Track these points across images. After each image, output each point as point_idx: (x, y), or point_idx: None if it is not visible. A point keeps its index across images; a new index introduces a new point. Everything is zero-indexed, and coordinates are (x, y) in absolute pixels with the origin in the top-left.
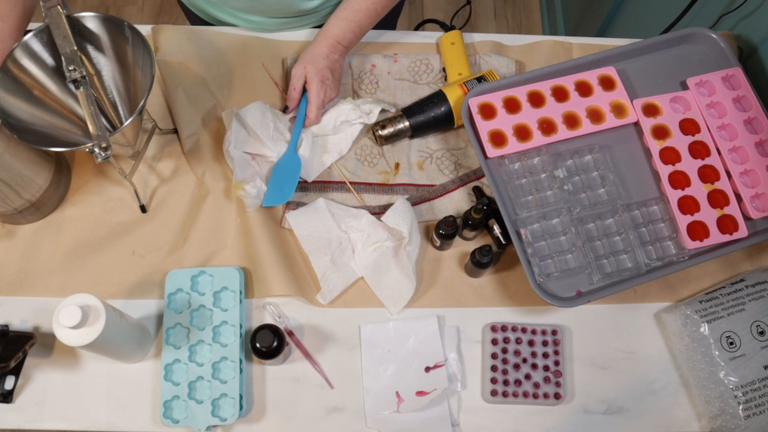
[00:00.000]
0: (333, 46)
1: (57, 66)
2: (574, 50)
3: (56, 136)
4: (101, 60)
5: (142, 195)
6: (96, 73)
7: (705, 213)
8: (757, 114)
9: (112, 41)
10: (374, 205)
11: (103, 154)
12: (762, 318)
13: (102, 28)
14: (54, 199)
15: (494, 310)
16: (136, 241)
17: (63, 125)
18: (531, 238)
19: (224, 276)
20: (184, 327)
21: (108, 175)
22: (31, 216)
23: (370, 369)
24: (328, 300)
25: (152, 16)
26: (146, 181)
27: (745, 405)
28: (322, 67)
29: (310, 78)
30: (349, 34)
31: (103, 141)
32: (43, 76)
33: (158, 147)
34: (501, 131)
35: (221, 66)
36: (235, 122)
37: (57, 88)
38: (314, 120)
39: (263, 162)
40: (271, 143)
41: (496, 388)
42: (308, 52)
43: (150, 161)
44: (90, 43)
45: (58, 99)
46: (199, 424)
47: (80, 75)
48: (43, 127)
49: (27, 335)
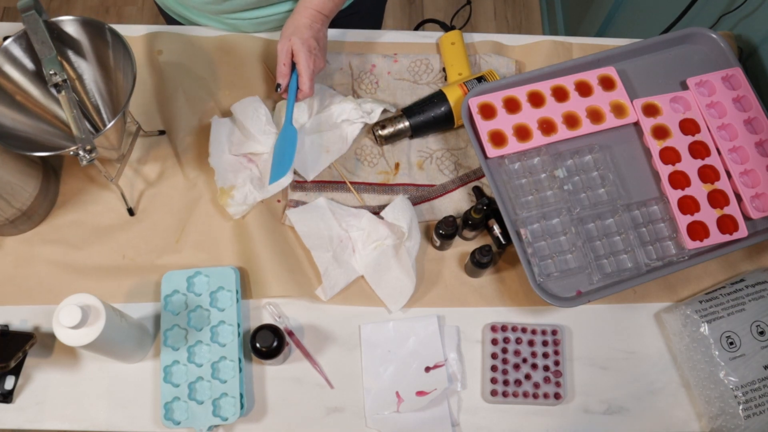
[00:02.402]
0: (314, 16)
1: (38, 71)
2: (574, 50)
3: (41, 141)
4: (82, 64)
5: (129, 198)
6: (77, 77)
7: (705, 213)
8: (757, 114)
9: (93, 44)
10: (374, 205)
11: (87, 157)
12: (762, 318)
13: (81, 31)
14: (44, 206)
15: (494, 310)
16: (125, 245)
17: (47, 130)
18: (531, 238)
19: (220, 276)
20: (181, 328)
21: (96, 180)
22: (23, 225)
23: (370, 369)
24: (329, 296)
25: (152, 16)
26: (133, 184)
27: (745, 405)
28: (307, 37)
29: (296, 50)
30: (329, 3)
31: (87, 144)
32: (24, 81)
33: (144, 149)
34: (501, 131)
35: (222, 67)
36: (216, 131)
37: (39, 92)
38: (308, 92)
39: (260, 160)
40: (262, 137)
41: (496, 388)
42: (289, 25)
43: (135, 164)
44: (70, 47)
45: (41, 104)
46: (201, 425)
47: (61, 79)
48: (26, 133)
49: (27, 335)
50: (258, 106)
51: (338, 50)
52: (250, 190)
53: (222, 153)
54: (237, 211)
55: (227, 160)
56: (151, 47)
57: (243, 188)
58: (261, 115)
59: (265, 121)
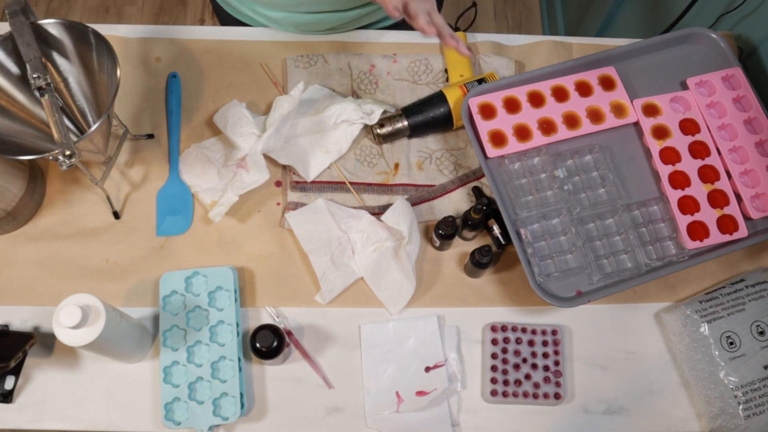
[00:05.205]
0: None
1: (23, 74)
2: (574, 50)
3: (24, 145)
4: (67, 67)
5: (116, 201)
6: (63, 80)
7: (705, 213)
8: (757, 114)
9: (77, 48)
10: (374, 206)
11: (67, 162)
12: (762, 318)
13: (66, 34)
14: (30, 207)
15: (494, 310)
16: (109, 248)
17: (31, 133)
18: (531, 238)
19: (218, 276)
20: (180, 329)
21: (82, 182)
22: (8, 225)
23: (370, 369)
24: (328, 300)
25: (152, 16)
26: (119, 187)
27: (745, 405)
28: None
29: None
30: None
31: (67, 149)
32: (8, 84)
33: (131, 153)
34: (501, 131)
35: (220, 70)
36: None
37: (24, 96)
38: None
39: (245, 162)
40: (240, 140)
41: (496, 388)
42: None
43: (122, 167)
44: (56, 50)
45: (25, 107)
46: (202, 425)
47: (45, 83)
48: (9, 136)
49: (27, 335)
50: (237, 110)
51: (338, 50)
52: (230, 197)
53: (210, 178)
54: (216, 213)
55: (214, 179)
56: (148, 49)
57: (226, 193)
58: (242, 117)
59: (245, 123)
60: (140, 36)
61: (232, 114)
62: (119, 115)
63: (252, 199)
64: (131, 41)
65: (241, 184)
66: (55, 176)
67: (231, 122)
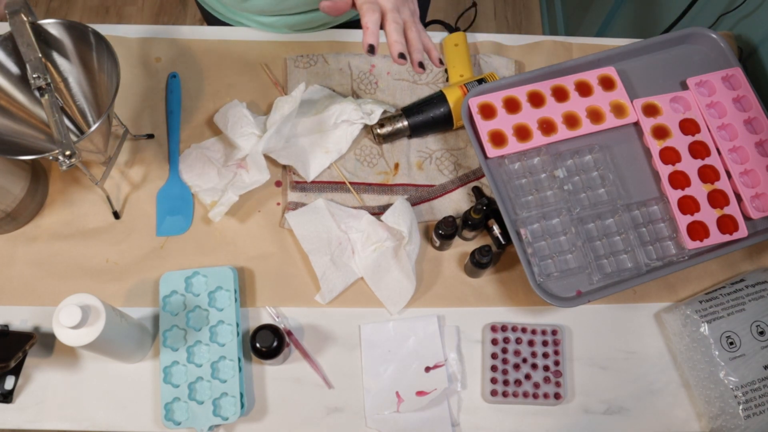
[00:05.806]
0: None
1: (23, 74)
2: (574, 50)
3: (24, 145)
4: (67, 67)
5: (116, 201)
6: (63, 80)
7: (705, 213)
8: (757, 114)
9: (77, 48)
10: (374, 206)
11: (67, 162)
12: (762, 318)
13: (66, 34)
14: (31, 208)
15: (494, 310)
16: (110, 248)
17: (31, 133)
18: (531, 238)
19: (218, 276)
20: (180, 329)
21: (82, 182)
22: (7, 226)
23: (370, 369)
24: (327, 300)
25: (152, 15)
26: (120, 186)
27: (745, 405)
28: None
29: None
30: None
31: (67, 149)
32: (8, 85)
33: (131, 153)
34: (501, 131)
35: (219, 71)
36: (195, 153)
37: (24, 96)
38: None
39: (246, 162)
40: (241, 140)
41: (496, 388)
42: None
43: (122, 167)
44: (55, 50)
45: (25, 107)
46: (202, 425)
47: (45, 83)
48: (10, 136)
49: (27, 335)
50: (238, 111)
51: (338, 50)
52: (231, 197)
53: (210, 178)
54: (216, 213)
55: (215, 180)
56: (148, 49)
57: (226, 193)
58: (242, 117)
59: (245, 123)
60: (140, 36)
61: (233, 114)
62: (119, 115)
63: (252, 199)
64: (131, 41)
65: (241, 184)
66: (56, 176)
67: (231, 122)
